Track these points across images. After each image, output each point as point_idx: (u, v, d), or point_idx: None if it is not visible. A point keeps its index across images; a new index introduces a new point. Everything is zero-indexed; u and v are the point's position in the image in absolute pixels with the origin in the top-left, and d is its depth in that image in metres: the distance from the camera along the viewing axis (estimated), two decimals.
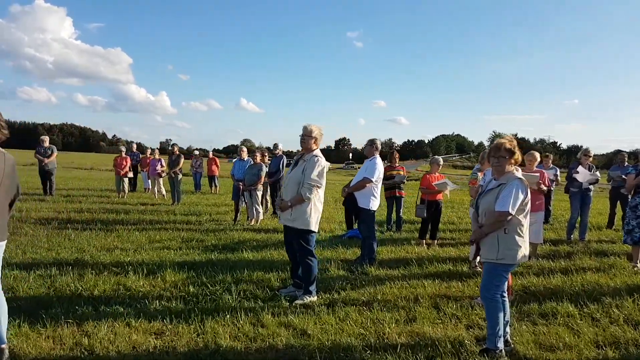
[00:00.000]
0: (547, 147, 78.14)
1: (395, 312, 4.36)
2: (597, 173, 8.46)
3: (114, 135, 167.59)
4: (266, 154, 11.56)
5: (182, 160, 12.16)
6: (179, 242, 7.33)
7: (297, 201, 4.53)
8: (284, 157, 10.40)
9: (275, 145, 10.78)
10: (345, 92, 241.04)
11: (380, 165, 6.28)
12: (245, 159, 9.94)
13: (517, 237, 3.49)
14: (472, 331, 4.01)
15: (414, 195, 9.37)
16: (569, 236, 8.50)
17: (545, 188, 6.80)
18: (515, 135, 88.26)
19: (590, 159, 8.54)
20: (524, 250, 3.52)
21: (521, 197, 3.46)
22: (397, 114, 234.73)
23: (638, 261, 6.32)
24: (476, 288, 5.05)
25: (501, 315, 3.53)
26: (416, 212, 8.11)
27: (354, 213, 6.42)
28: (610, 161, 11.19)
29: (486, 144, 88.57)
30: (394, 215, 9.25)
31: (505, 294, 3.70)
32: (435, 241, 7.90)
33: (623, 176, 8.82)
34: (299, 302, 4.51)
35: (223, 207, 11.90)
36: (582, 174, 8.07)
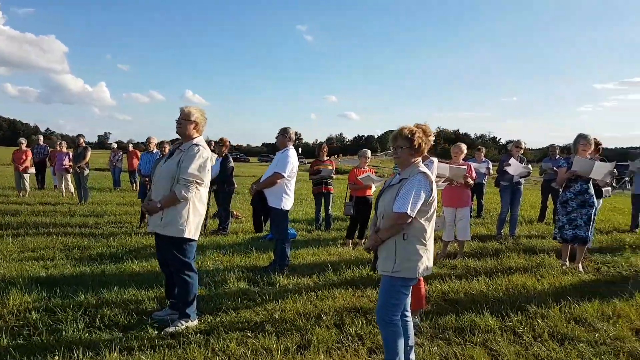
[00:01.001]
0: (487, 143, 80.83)
1: (289, 336, 3.61)
2: (529, 166, 8.18)
3: (47, 129, 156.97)
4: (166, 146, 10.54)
5: (89, 153, 10.85)
6: (56, 251, 6.21)
7: (170, 202, 3.65)
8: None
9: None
10: (297, 86, 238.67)
11: (293, 158, 5.51)
12: (154, 152, 8.78)
13: (418, 246, 2.82)
14: (375, 357, 3.33)
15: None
16: (499, 231, 8.16)
17: (472, 182, 6.33)
18: (457, 130, 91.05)
19: (522, 150, 8.22)
20: (427, 261, 2.87)
21: (423, 195, 2.79)
22: (348, 109, 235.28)
23: (567, 259, 5.97)
24: None
25: (400, 341, 2.87)
26: (344, 210, 7.53)
27: (264, 213, 5.60)
28: (544, 155, 11.32)
29: (431, 139, 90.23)
30: (324, 213, 8.60)
31: (408, 313, 3.04)
32: (363, 240, 7.28)
33: (555, 168, 8.61)
34: (170, 329, 3.64)
35: (136, 207, 10.74)
36: (514, 167, 7.72)
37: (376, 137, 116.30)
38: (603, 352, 3.36)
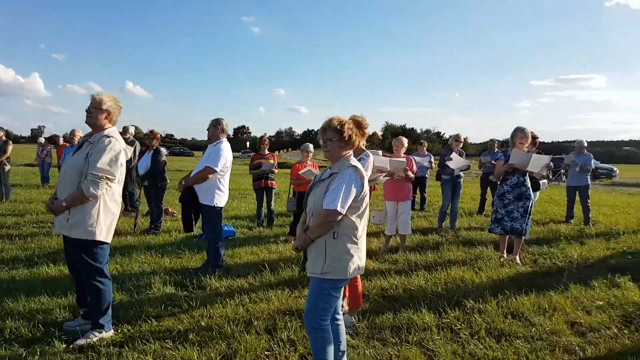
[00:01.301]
0: (431, 137, 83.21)
1: (214, 345, 3.30)
2: (467, 160, 8.27)
3: None
4: None
5: (10, 147, 9.93)
6: None
7: (77, 200, 3.23)
8: (137, 143, 8.82)
9: (125, 129, 9.12)
10: (244, 79, 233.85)
11: (227, 151, 5.16)
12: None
13: (349, 244, 2.61)
14: None
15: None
16: (440, 224, 8.19)
17: (412, 175, 6.25)
18: (404, 125, 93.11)
19: (461, 144, 8.28)
20: (359, 260, 2.66)
21: (354, 191, 2.57)
22: (298, 103, 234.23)
23: (505, 251, 6.03)
24: None
25: (330, 348, 2.64)
26: (287, 206, 7.28)
27: (194, 211, 5.22)
28: (485, 149, 11.65)
29: (379, 133, 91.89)
30: (266, 209, 8.28)
31: (339, 316, 2.83)
32: (293, 239, 7.04)
33: (493, 162, 8.76)
34: (80, 342, 3.24)
35: None
36: (455, 161, 7.75)
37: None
38: (539, 348, 3.31)
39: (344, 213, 2.53)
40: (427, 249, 6.45)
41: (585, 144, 9.12)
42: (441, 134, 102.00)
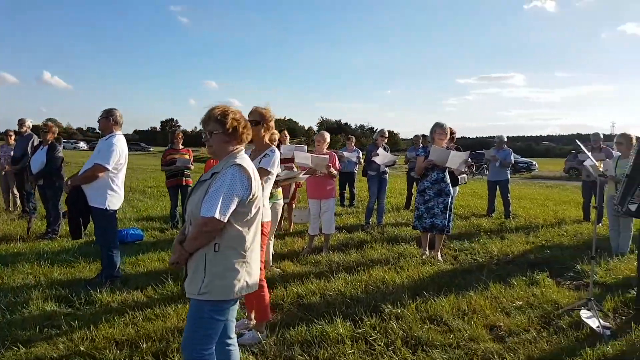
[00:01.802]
0: (365, 133, 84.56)
1: None
2: (393, 155, 8.13)
3: None
4: (11, 134, 8.79)
5: None
6: None
7: None
8: (35, 136, 7.83)
9: (22, 122, 8.08)
10: (173, 71, 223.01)
11: (120, 145, 4.53)
12: None
13: (234, 259, 2.18)
14: None
15: None
16: (367, 221, 7.99)
17: (335, 172, 5.93)
18: (339, 120, 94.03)
19: (386, 139, 8.12)
20: (247, 276, 2.23)
21: (238, 193, 2.14)
22: (230, 96, 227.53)
23: (427, 248, 5.88)
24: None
25: None
26: None
27: (84, 214, 4.55)
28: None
29: (315, 128, 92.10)
30: (180, 209, 7.63)
31: (232, 340, 2.40)
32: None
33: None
34: None
35: None
36: (382, 156, 7.55)
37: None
38: (457, 358, 3.07)
39: (225, 221, 2.09)
40: (352, 248, 6.18)
41: (505, 139, 9.29)
42: (374, 130, 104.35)
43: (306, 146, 6.55)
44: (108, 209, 4.44)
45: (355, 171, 10.34)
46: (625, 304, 4.06)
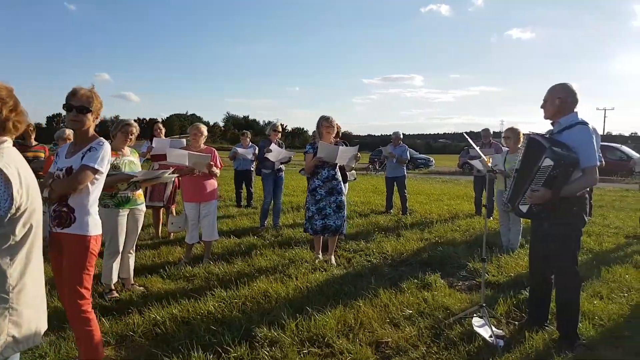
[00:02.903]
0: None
1: None
2: (288, 151, 7.58)
3: None
4: None
5: None
6: None
7: None
8: None
9: None
10: (60, 62, 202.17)
11: None
12: None
13: None
14: None
15: None
16: (262, 223, 7.39)
17: (217, 170, 5.24)
18: (247, 117, 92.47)
19: (279, 134, 7.56)
20: (15, 328, 1.53)
21: None
22: (126, 89, 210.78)
23: (320, 251, 5.42)
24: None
25: None
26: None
27: None
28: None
29: (221, 124, 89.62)
30: None
31: None
32: None
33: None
34: None
35: None
36: (275, 152, 6.94)
37: (160, 120, 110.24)
38: None
39: None
40: (238, 256, 5.52)
41: (402, 136, 9.21)
42: (284, 126, 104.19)
43: (185, 140, 5.75)
44: None
45: (252, 169, 9.69)
46: (517, 306, 3.88)
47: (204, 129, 5.29)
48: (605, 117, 66.57)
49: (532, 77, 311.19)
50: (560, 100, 3.16)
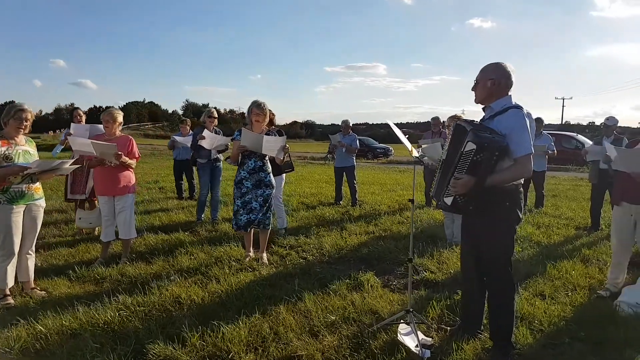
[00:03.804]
0: (236, 118, 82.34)
1: None
2: (224, 138, 7.03)
3: None
4: None
5: None
6: None
7: None
8: None
9: None
10: (10, 46, 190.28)
11: None
12: None
13: None
14: None
15: None
16: (199, 216, 6.88)
17: (133, 162, 4.72)
18: (207, 104, 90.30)
19: (215, 120, 7.02)
20: None
21: None
22: (82, 77, 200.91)
23: (251, 248, 4.99)
24: None
25: None
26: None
27: None
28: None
29: (180, 112, 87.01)
30: None
31: None
32: None
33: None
34: None
35: None
36: (209, 139, 6.38)
37: (118, 107, 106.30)
38: None
39: None
40: (161, 254, 5.01)
41: (351, 124, 8.83)
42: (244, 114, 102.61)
43: (101, 125, 5.12)
44: None
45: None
46: (452, 309, 3.55)
47: (119, 115, 4.72)
48: (563, 106, 69.02)
49: None
50: (492, 82, 2.81)
